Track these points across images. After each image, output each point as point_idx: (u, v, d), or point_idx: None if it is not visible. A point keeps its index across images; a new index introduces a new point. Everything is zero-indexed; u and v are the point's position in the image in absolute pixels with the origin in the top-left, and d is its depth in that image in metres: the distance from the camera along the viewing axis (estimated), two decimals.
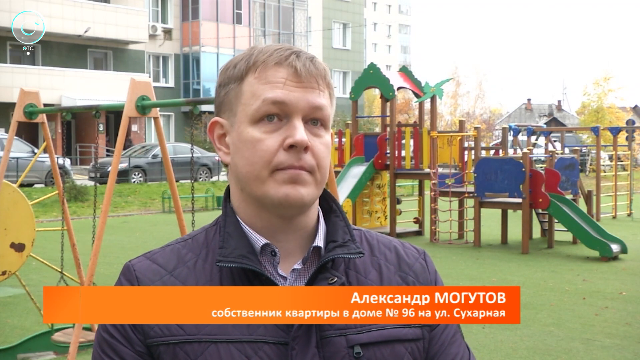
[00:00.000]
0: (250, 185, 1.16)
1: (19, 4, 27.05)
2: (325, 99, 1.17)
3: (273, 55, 1.15)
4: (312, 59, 1.17)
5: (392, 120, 13.31)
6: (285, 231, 1.18)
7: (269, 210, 1.16)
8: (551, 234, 11.95)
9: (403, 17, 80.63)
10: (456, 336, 1.26)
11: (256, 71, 1.16)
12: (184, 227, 4.88)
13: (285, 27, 39.48)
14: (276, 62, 1.15)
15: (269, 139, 1.13)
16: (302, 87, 1.14)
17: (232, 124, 1.18)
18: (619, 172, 18.90)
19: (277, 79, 1.14)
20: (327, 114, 1.17)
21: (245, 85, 1.16)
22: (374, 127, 34.57)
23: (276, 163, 1.13)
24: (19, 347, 5.85)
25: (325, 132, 1.18)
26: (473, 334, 6.37)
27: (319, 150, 1.15)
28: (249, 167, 1.15)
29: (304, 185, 1.14)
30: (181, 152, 24.37)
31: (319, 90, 1.16)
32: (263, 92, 1.14)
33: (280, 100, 1.13)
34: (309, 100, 1.14)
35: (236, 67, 1.18)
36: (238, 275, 1.15)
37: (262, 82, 1.15)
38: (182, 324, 1.12)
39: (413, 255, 1.28)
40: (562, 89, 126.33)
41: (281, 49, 1.16)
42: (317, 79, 1.16)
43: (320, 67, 1.17)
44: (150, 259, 1.20)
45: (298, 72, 1.14)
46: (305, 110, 1.14)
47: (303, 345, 1.12)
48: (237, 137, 1.17)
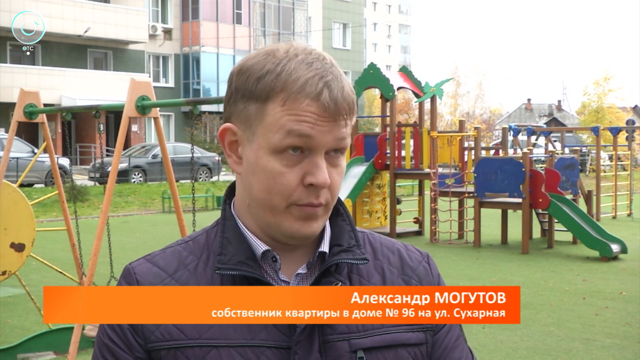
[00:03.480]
0: (262, 210, 1.14)
1: (19, 4, 27.05)
2: (349, 126, 1.14)
3: (305, 87, 1.08)
4: (342, 90, 1.11)
5: (392, 120, 13.31)
6: (289, 244, 1.18)
7: (276, 235, 1.15)
8: (551, 234, 11.95)
9: (403, 17, 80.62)
10: (459, 340, 1.25)
11: (284, 101, 1.09)
12: (184, 227, 4.88)
13: (285, 27, 39.48)
14: (309, 99, 1.08)
15: (289, 173, 1.10)
16: (330, 122, 1.10)
17: (250, 141, 1.13)
18: (619, 172, 18.90)
19: (307, 114, 1.09)
20: (348, 142, 1.14)
21: (270, 109, 1.10)
22: (374, 127, 34.59)
23: (295, 199, 1.11)
24: (19, 347, 5.84)
25: (342, 158, 1.15)
26: (473, 334, 6.37)
27: (336, 183, 1.13)
28: (265, 195, 1.12)
29: (317, 220, 1.13)
30: (181, 152, 24.37)
31: (345, 123, 1.12)
32: (289, 124, 1.09)
33: (306, 134, 1.09)
34: (334, 135, 1.11)
35: (259, 83, 1.10)
36: (239, 279, 1.14)
37: (289, 113, 1.09)
38: (183, 328, 1.11)
39: (416, 259, 1.26)
40: (562, 89, 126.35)
41: (313, 77, 1.09)
42: (345, 113, 1.12)
43: (349, 99, 1.12)
44: (150, 262, 1.19)
45: (328, 108, 1.09)
46: (330, 144, 1.11)
47: (306, 349, 1.11)
48: (254, 159, 1.12)
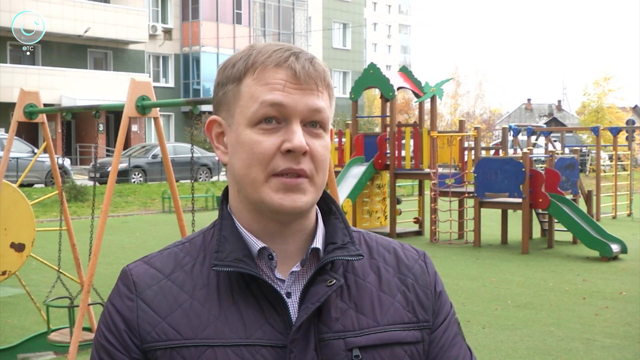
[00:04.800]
0: (246, 188, 1.14)
1: (19, 4, 27.06)
2: (325, 100, 1.15)
3: (272, 56, 1.13)
4: (312, 60, 1.14)
5: (392, 120, 13.31)
6: (283, 234, 1.17)
7: (266, 214, 1.15)
8: (551, 234, 11.95)
9: (403, 17, 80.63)
10: (457, 338, 1.24)
11: (255, 72, 1.13)
12: (184, 227, 4.87)
13: (285, 27, 39.47)
14: (275, 64, 1.12)
15: (266, 141, 1.12)
16: (301, 90, 1.12)
17: (230, 125, 1.17)
18: (619, 172, 18.89)
19: (275, 81, 1.12)
20: (327, 115, 1.15)
21: (244, 86, 1.14)
22: (374, 127, 34.57)
23: (273, 167, 1.11)
24: (19, 347, 5.84)
25: (324, 133, 1.16)
26: (473, 334, 6.37)
27: (318, 153, 1.14)
28: (245, 170, 1.13)
29: (301, 193, 1.13)
30: (181, 152, 24.37)
31: (318, 92, 1.14)
32: (261, 94, 1.12)
33: (278, 102, 1.11)
34: (307, 104, 1.12)
35: (235, 67, 1.16)
36: (235, 278, 1.14)
37: (260, 83, 1.12)
38: (179, 328, 1.12)
39: (412, 257, 1.26)
40: (562, 89, 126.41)
41: (280, 49, 1.14)
42: (317, 81, 1.14)
43: (320, 68, 1.15)
44: (147, 263, 1.19)
45: (297, 74, 1.12)
46: (304, 113, 1.12)
47: (301, 348, 1.11)
48: (234, 138, 1.15)
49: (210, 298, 1.14)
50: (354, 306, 1.17)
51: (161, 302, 1.14)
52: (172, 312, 1.13)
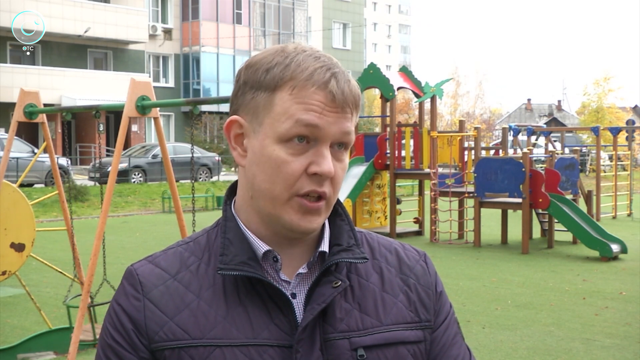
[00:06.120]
0: (264, 200, 1.14)
1: (19, 4, 27.07)
2: (353, 122, 1.15)
3: (313, 76, 1.11)
4: (349, 82, 1.14)
5: (392, 120, 13.31)
6: (290, 240, 1.18)
7: (277, 226, 1.16)
8: (551, 234, 11.95)
9: (403, 17, 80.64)
10: (457, 338, 1.26)
11: (293, 89, 1.11)
12: (184, 227, 4.88)
13: (285, 27, 39.48)
14: (317, 87, 1.11)
15: (294, 162, 1.11)
16: (336, 113, 1.12)
17: (255, 132, 1.14)
18: (619, 172, 18.90)
19: (314, 102, 1.10)
20: (353, 138, 1.16)
21: (278, 98, 1.12)
22: (374, 127, 34.59)
23: (297, 188, 1.11)
24: (19, 347, 5.84)
25: (346, 154, 1.16)
26: (473, 334, 6.37)
27: (338, 177, 1.14)
28: (269, 185, 1.12)
29: (317, 216, 1.14)
30: (181, 152, 24.38)
31: (351, 115, 1.14)
32: (297, 113, 1.10)
33: (314, 124, 1.10)
34: (340, 127, 1.12)
35: (268, 73, 1.13)
36: (241, 280, 1.15)
37: (297, 101, 1.11)
38: (187, 328, 1.12)
39: (414, 258, 1.28)
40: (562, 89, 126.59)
41: (322, 68, 1.12)
42: (350, 105, 1.13)
43: (355, 91, 1.15)
44: (152, 263, 1.19)
45: (335, 98, 1.11)
46: (336, 136, 1.12)
47: (307, 348, 1.12)
48: (259, 148, 1.14)
49: (217, 299, 1.14)
50: (357, 306, 1.18)
51: (168, 302, 1.14)
52: (180, 312, 1.13)
